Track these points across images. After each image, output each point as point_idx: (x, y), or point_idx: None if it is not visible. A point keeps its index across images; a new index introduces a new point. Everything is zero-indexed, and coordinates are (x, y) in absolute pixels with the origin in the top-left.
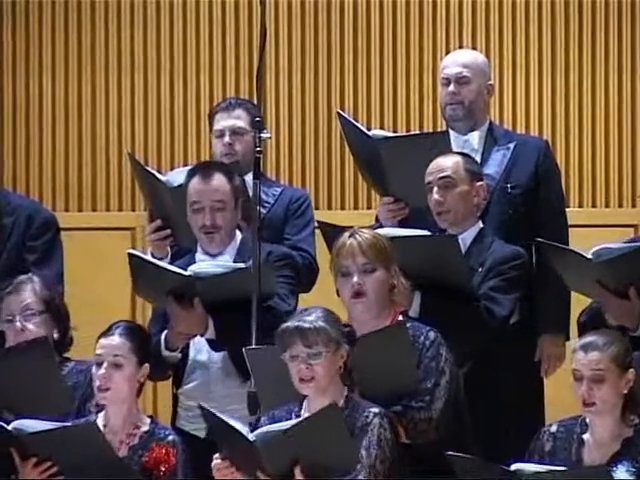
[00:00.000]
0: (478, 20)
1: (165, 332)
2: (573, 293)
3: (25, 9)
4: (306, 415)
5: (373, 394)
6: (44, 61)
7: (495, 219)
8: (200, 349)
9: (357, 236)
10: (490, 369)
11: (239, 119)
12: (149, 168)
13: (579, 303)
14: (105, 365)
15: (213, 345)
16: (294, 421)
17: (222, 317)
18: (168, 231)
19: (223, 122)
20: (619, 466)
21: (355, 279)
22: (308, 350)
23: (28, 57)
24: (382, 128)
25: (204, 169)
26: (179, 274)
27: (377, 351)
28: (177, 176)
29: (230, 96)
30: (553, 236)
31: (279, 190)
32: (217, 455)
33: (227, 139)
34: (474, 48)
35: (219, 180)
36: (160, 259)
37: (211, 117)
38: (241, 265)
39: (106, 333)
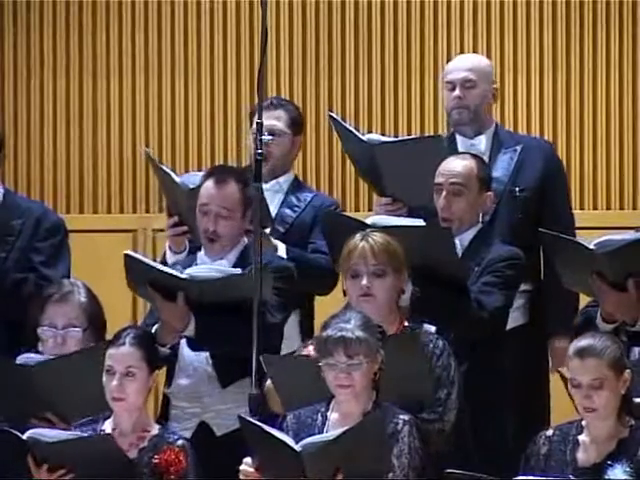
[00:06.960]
0: (479, 22)
1: (156, 326)
2: (582, 295)
3: (26, 10)
4: (335, 416)
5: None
6: (45, 63)
7: (505, 223)
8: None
9: (369, 239)
10: (492, 370)
11: (279, 120)
12: (165, 167)
13: None
14: (118, 376)
15: (190, 344)
16: (340, 431)
17: (204, 318)
18: (185, 227)
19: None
20: (616, 466)
21: (364, 281)
22: (349, 360)
23: (29, 59)
24: (383, 129)
25: (220, 174)
26: (175, 277)
27: (389, 359)
28: (192, 178)
29: (272, 95)
30: None
31: (310, 196)
32: (247, 460)
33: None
34: (475, 50)
35: (231, 187)
36: (178, 253)
37: (252, 115)
38: (237, 270)
39: (115, 342)
